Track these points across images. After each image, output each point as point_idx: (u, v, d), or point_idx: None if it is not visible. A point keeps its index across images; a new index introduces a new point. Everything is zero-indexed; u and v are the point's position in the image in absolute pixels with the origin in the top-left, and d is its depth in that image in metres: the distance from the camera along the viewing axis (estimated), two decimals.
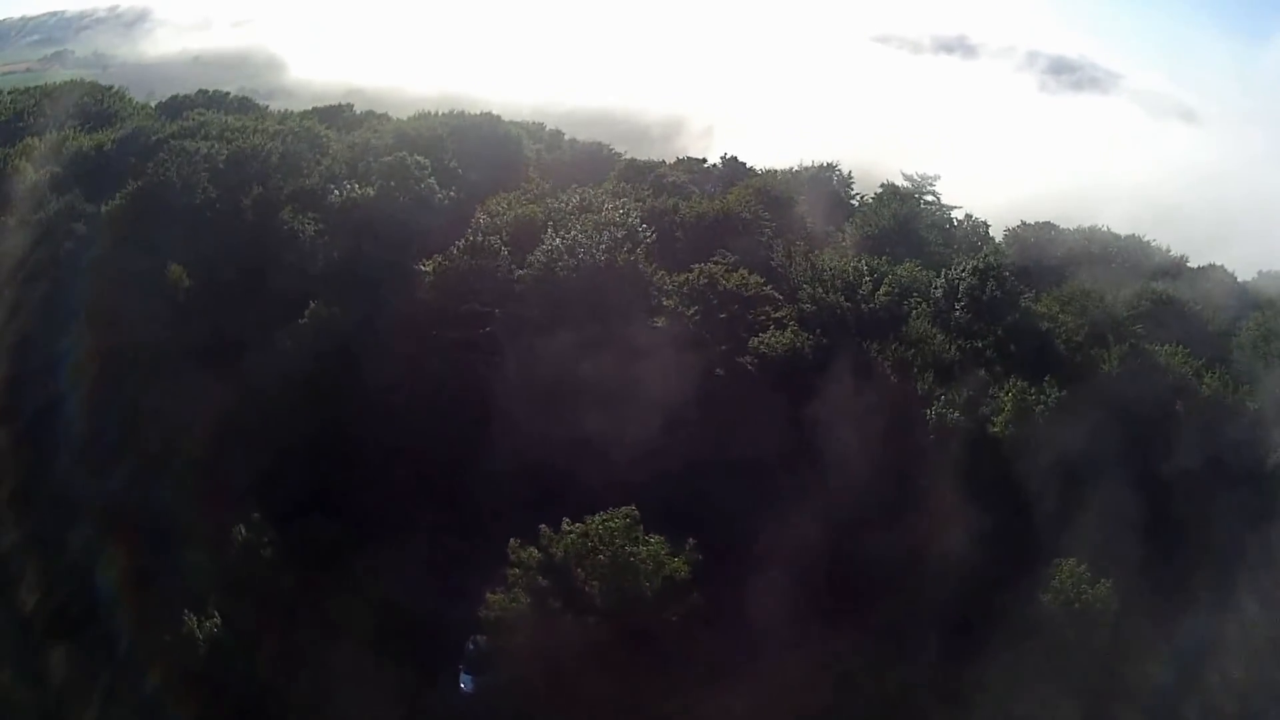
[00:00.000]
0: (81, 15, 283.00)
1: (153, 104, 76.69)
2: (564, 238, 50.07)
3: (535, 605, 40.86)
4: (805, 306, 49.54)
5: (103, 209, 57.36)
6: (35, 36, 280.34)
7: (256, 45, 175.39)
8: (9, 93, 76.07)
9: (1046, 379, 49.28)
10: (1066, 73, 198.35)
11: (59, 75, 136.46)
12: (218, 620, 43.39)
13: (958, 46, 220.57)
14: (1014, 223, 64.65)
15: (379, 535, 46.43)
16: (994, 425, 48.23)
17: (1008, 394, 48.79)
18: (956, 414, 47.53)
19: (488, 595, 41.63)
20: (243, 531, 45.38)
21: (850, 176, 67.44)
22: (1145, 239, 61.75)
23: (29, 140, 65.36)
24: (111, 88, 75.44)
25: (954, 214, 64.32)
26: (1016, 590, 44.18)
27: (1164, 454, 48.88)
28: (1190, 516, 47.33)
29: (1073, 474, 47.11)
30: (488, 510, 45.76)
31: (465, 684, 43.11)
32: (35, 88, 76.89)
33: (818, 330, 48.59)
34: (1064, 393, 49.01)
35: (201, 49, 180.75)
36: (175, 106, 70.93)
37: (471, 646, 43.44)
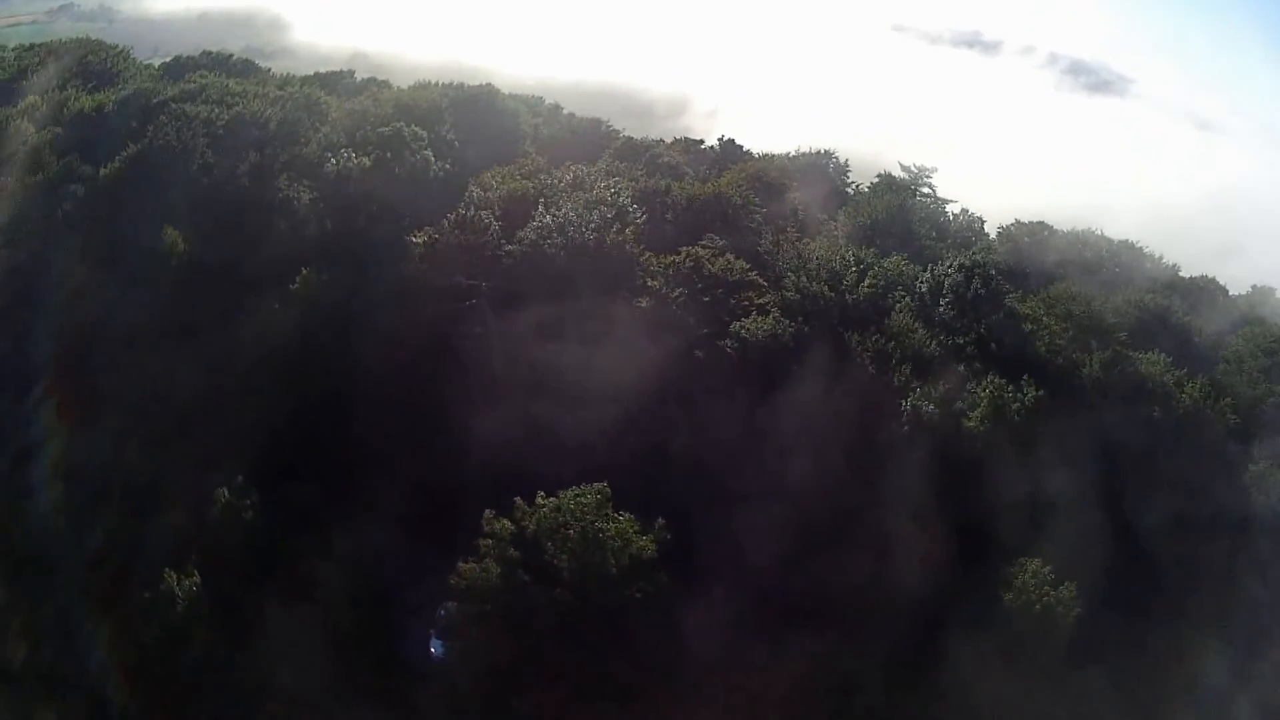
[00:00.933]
0: None
1: (157, 63, 77.54)
2: (554, 215, 50.97)
3: (505, 576, 42.25)
4: (789, 295, 50.39)
5: (101, 172, 58.13)
6: None
7: (261, 5, 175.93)
8: (12, 48, 76.98)
9: (1024, 378, 50.20)
10: (1084, 75, 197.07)
11: (66, 29, 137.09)
12: (197, 580, 44.93)
13: (976, 41, 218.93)
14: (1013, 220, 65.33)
15: (357, 501, 47.80)
16: (969, 420, 49.17)
17: (984, 390, 49.66)
18: (931, 407, 48.44)
19: (459, 564, 42.96)
20: (225, 495, 46.67)
21: (847, 165, 68.08)
22: (1139, 246, 62.31)
23: (32, 99, 66.12)
24: (116, 46, 75.92)
25: (949, 208, 64.88)
26: (980, 587, 45.61)
27: (1138, 461, 50.01)
28: (1160, 525, 48.56)
29: (1043, 475, 48.22)
30: (463, 480, 46.86)
31: (436, 649, 44.62)
32: (40, 44, 77.46)
33: (800, 319, 49.46)
34: (1041, 393, 49.88)
35: (207, 6, 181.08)
36: (179, 68, 71.54)
37: (443, 613, 44.89)
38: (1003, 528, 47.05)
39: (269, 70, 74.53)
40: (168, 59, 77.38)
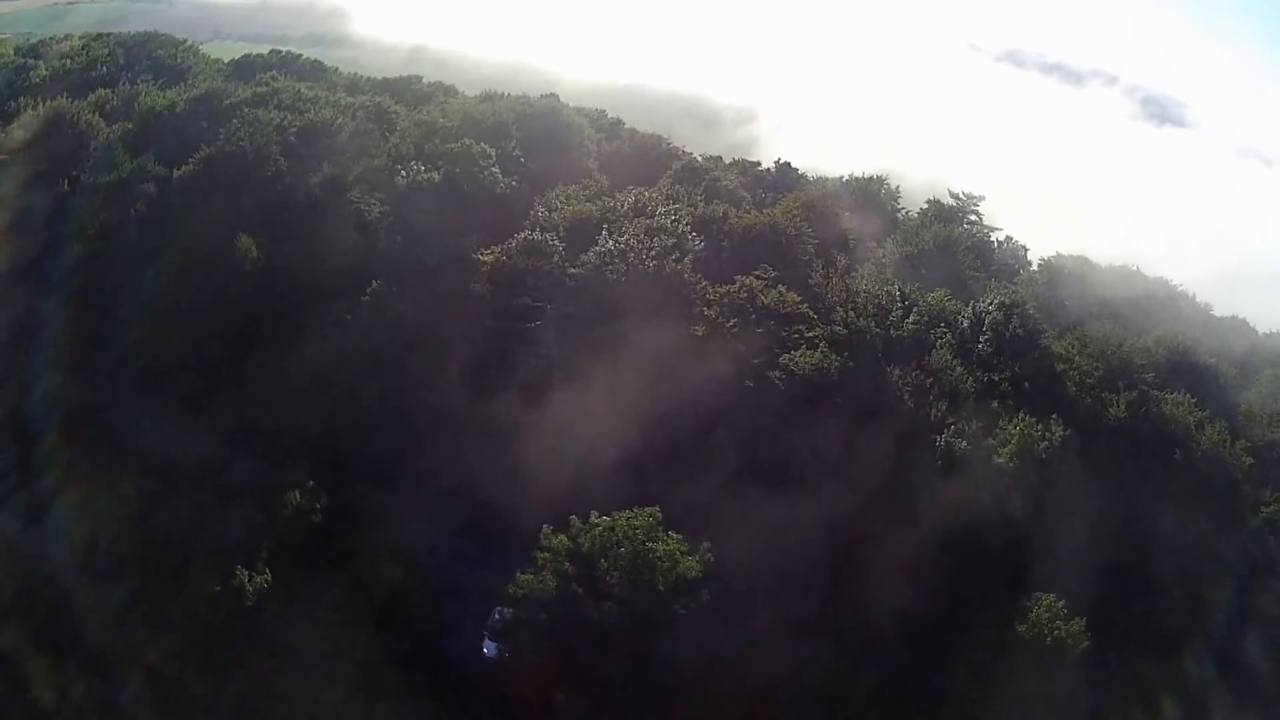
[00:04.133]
0: None
1: (215, 50, 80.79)
2: (616, 241, 55.44)
3: (561, 588, 47.48)
4: (837, 329, 54.82)
5: (174, 173, 61.28)
6: None
7: None
8: (80, 38, 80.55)
9: (1054, 417, 54.43)
10: (1153, 104, 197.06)
11: (124, 8, 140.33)
12: (268, 577, 48.76)
13: (1047, 64, 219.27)
14: (1069, 250, 69.21)
15: (413, 505, 52.59)
16: (998, 456, 53.70)
17: (1015, 428, 54.07)
18: (964, 443, 53.03)
19: (518, 574, 48.06)
20: (296, 497, 50.79)
21: (898, 191, 71.94)
22: (1174, 284, 66.32)
23: (102, 92, 69.53)
24: (185, 41, 79.56)
25: (995, 236, 68.80)
26: (995, 616, 50.29)
27: (1155, 500, 54.45)
28: (1173, 563, 53.12)
29: (1067, 512, 52.78)
30: (516, 492, 51.22)
31: (489, 649, 49.55)
32: (108, 35, 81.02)
33: (845, 353, 53.92)
34: (1069, 432, 54.28)
35: None
36: (248, 66, 75.44)
37: (498, 616, 50.04)
38: (1021, 560, 51.85)
39: (335, 69, 78.10)
40: (237, 57, 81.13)
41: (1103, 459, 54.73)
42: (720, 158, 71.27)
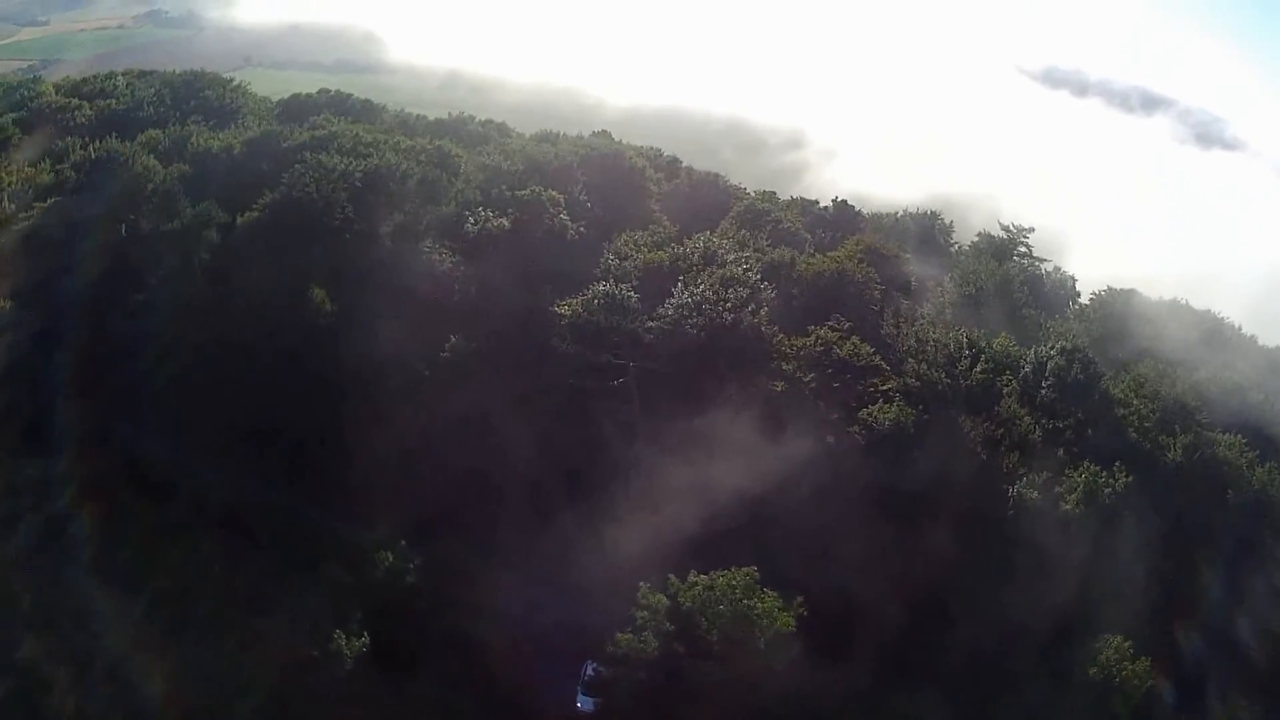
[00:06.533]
0: None
1: (255, 84, 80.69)
2: (692, 293, 57.88)
3: (662, 647, 50.56)
4: (910, 381, 57.86)
5: (238, 219, 62.62)
6: None
7: (353, 20, 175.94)
8: (124, 74, 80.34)
9: (1116, 465, 57.62)
10: (1201, 127, 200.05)
11: (154, 34, 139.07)
12: (366, 640, 51.00)
13: (1095, 86, 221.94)
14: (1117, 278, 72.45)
15: (501, 559, 55.46)
16: (1066, 504, 57.27)
17: (1080, 476, 57.55)
18: (1035, 494, 56.51)
19: (617, 634, 50.94)
20: (389, 557, 53.35)
21: (951, 226, 74.93)
22: (1221, 317, 69.89)
23: (152, 133, 70.12)
24: (233, 80, 79.69)
25: (1044, 268, 72.08)
26: (1065, 659, 54.26)
27: (1211, 542, 58.58)
28: (1227, 607, 57.43)
29: (1129, 556, 56.60)
30: (599, 548, 54.03)
31: (583, 704, 52.63)
32: (152, 73, 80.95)
33: (920, 406, 57.01)
34: (1130, 479, 57.84)
35: (297, 19, 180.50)
36: (298, 106, 76.13)
37: (590, 672, 53.06)
38: (1088, 604, 55.89)
39: (384, 107, 78.73)
40: (284, 95, 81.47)
41: (1162, 503, 58.51)
42: (774, 193, 73.84)
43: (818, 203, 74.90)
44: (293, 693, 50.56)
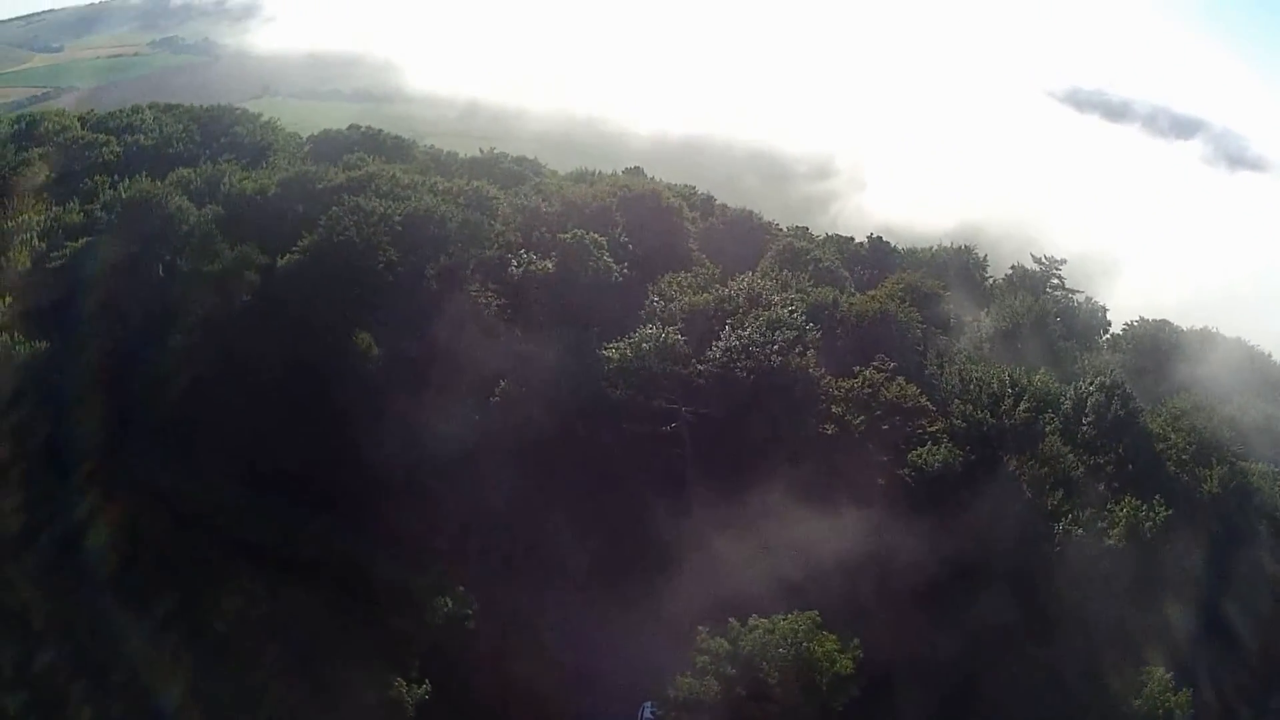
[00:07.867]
0: (186, 5, 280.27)
1: (277, 115, 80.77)
2: (739, 336, 59.42)
3: (723, 690, 52.09)
4: (956, 422, 59.66)
5: (279, 262, 62.94)
6: (135, 22, 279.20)
7: (369, 48, 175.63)
8: (149, 107, 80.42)
9: (1156, 497, 59.74)
10: (1230, 147, 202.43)
11: (170, 60, 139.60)
12: (427, 687, 51.76)
13: (1120, 109, 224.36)
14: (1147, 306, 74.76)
15: (560, 603, 56.92)
16: (1108, 538, 59.30)
17: (1122, 510, 59.59)
18: (1080, 531, 58.47)
19: (677, 677, 52.48)
20: (448, 603, 54.18)
21: (985, 260, 76.82)
22: (1249, 344, 72.23)
23: (184, 171, 70.12)
24: (260, 115, 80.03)
25: (1076, 299, 74.11)
26: (1109, 690, 56.36)
27: (1246, 570, 60.79)
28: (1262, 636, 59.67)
29: (1169, 589, 58.85)
30: (663, 593, 56.09)
31: None
32: (179, 108, 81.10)
33: (967, 447, 58.78)
34: (1170, 511, 60.01)
35: (314, 47, 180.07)
36: (330, 144, 76.73)
37: (649, 715, 54.69)
38: (1131, 635, 58.00)
39: (415, 143, 79.42)
40: (317, 134, 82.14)
41: (1199, 534, 60.76)
42: (807, 229, 75.44)
43: (853, 239, 76.64)
44: None
